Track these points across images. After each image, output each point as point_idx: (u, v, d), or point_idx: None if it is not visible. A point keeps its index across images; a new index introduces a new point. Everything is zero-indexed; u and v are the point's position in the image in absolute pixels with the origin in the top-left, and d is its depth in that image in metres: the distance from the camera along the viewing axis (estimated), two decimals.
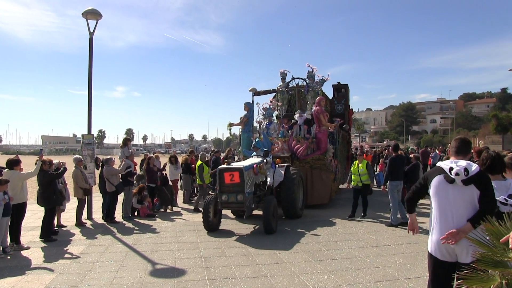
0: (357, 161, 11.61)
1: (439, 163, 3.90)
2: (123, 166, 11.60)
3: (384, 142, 73.11)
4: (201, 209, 10.80)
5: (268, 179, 11.08)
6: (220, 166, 10.10)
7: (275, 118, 15.89)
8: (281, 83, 16.44)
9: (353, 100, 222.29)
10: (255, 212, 10.60)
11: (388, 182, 10.36)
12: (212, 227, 9.77)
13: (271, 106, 15.57)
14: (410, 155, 13.12)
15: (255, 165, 10.21)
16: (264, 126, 14.89)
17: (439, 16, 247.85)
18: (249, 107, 14.35)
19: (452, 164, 3.65)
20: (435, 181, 3.76)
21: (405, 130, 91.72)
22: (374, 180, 14.70)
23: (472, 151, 5.58)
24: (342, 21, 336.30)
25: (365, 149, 25.00)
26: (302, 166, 13.01)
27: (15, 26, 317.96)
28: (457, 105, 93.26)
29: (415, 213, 4.31)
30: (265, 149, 11.65)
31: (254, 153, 11.93)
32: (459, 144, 3.95)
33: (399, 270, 6.58)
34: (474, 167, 3.57)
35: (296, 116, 14.20)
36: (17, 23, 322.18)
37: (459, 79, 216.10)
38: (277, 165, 11.75)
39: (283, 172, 11.42)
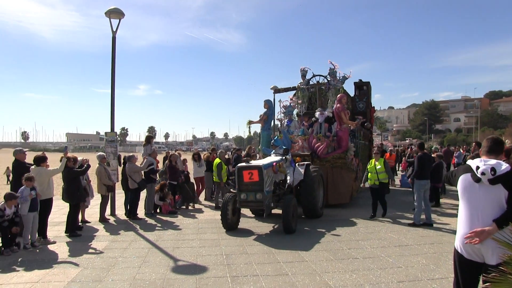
0: (373, 159, 11.28)
1: (469, 161, 3.79)
2: (145, 163, 11.74)
3: (407, 141, 72.13)
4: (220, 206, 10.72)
5: (288, 177, 10.80)
6: (239, 164, 9.97)
7: (295, 116, 15.80)
8: (302, 80, 16.15)
9: (375, 98, 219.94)
10: (274, 211, 10.55)
11: (415, 180, 10.12)
12: (231, 226, 9.64)
13: (291, 104, 15.44)
14: (433, 155, 12.84)
15: (274, 164, 10.01)
16: (284, 124, 14.74)
17: (463, 13, 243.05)
18: (268, 104, 14.12)
19: (480, 163, 3.55)
20: (462, 179, 3.69)
21: (428, 128, 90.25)
22: (393, 178, 14.17)
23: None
24: (364, 19, 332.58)
25: (389, 148, 24.48)
26: (323, 164, 12.81)
27: (41, 27, 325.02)
28: (482, 103, 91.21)
29: None
30: (284, 147, 11.46)
31: (274, 151, 11.72)
32: (490, 144, 3.83)
33: (422, 271, 6.48)
34: (504, 167, 3.44)
35: (317, 113, 14.00)
36: (43, 24, 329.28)
37: (484, 77, 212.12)
38: (296, 164, 11.55)
39: (303, 170, 11.17)
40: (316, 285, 5.92)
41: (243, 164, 9.85)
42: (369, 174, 11.08)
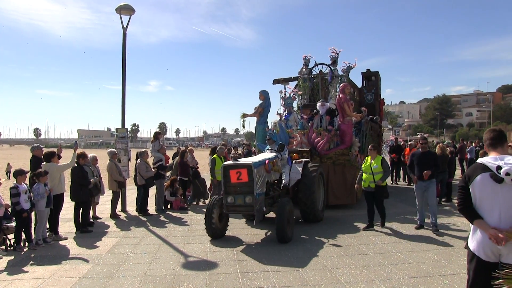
0: (369, 156, 9.41)
1: (481, 160, 3.58)
2: (154, 160, 11.81)
3: (418, 136, 71.53)
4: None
5: (283, 177, 9.68)
6: (225, 163, 8.62)
7: (296, 107, 14.59)
8: (303, 69, 14.89)
9: (386, 93, 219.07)
10: (270, 214, 9.57)
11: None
12: (217, 233, 8.48)
13: (291, 95, 14.12)
14: (437, 150, 12.12)
15: (267, 161, 8.72)
16: (283, 117, 13.62)
17: (476, 6, 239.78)
18: (264, 95, 12.36)
19: (500, 162, 3.37)
20: (479, 180, 3.46)
21: (440, 123, 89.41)
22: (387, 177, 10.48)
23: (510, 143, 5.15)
24: (376, 13, 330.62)
25: (409, 143, 21.75)
26: (324, 162, 11.72)
27: (53, 24, 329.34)
28: (495, 97, 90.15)
29: (481, 219, 3.51)
30: (280, 143, 10.24)
31: (268, 147, 10.43)
32: (493, 136, 3.68)
33: (434, 267, 6.42)
34: None
35: (318, 105, 12.63)
36: (55, 21, 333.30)
37: (497, 70, 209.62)
38: (294, 161, 10.52)
39: (300, 169, 10.04)
40: (327, 281, 5.90)
41: (230, 162, 8.54)
42: (364, 174, 9.35)
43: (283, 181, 9.62)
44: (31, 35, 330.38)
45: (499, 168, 3.33)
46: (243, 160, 8.81)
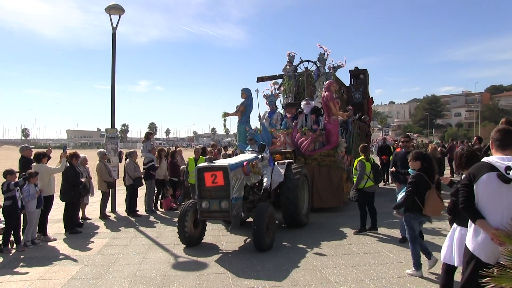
0: (357, 159, 9.00)
1: (487, 159, 3.52)
2: (145, 159, 11.75)
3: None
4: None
5: (264, 179, 9.16)
6: (199, 164, 8.01)
7: (280, 106, 13.89)
8: (288, 66, 14.24)
9: (376, 93, 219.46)
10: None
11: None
12: (191, 240, 7.89)
13: (273, 92, 13.46)
14: (430, 151, 11.80)
15: (245, 163, 8.18)
16: (266, 116, 13.05)
17: (464, 7, 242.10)
18: (247, 93, 11.76)
19: (508, 162, 3.34)
20: (485, 179, 3.42)
21: (429, 123, 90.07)
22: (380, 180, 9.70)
23: None
24: (366, 13, 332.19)
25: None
26: (308, 163, 11.18)
27: (42, 24, 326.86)
28: (483, 97, 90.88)
29: (484, 219, 3.47)
30: (261, 143, 9.77)
31: (249, 147, 9.94)
32: (503, 137, 3.57)
33: (423, 265, 6.46)
34: None
35: (303, 104, 12.03)
36: (43, 21, 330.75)
37: (485, 71, 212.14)
38: (276, 162, 9.90)
39: (283, 171, 9.40)
40: (317, 280, 5.91)
41: (204, 164, 7.90)
42: (354, 177, 8.95)
43: (264, 184, 9.12)
44: (19, 35, 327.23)
45: (508, 168, 3.30)
46: (219, 162, 8.20)
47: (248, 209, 8.32)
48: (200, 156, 11.47)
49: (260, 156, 9.28)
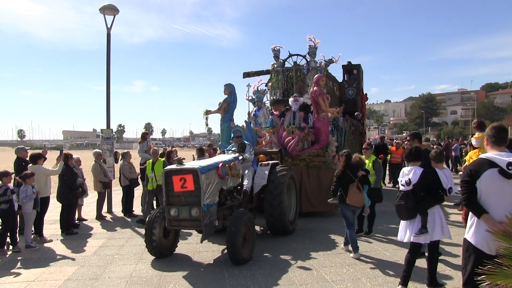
0: (370, 159, 8.53)
1: (487, 156, 3.59)
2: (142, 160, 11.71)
3: (404, 134, 72.15)
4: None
5: (245, 182, 8.25)
6: (167, 167, 7.12)
7: (268, 103, 13.16)
8: (275, 62, 13.37)
9: (371, 91, 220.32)
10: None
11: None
12: (161, 251, 7.10)
13: (259, 89, 12.69)
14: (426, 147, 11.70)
15: (220, 165, 7.24)
16: (252, 113, 12.41)
17: (459, 5, 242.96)
18: (230, 90, 10.81)
19: (507, 158, 3.43)
20: (487, 175, 3.50)
21: (425, 121, 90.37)
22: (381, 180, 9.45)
23: None
24: (361, 12, 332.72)
25: (395, 141, 20.12)
26: (296, 164, 10.34)
27: (36, 25, 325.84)
28: (478, 95, 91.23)
29: (488, 213, 3.52)
30: (245, 142, 8.91)
31: (231, 146, 9.16)
32: (498, 133, 3.67)
33: (419, 264, 6.46)
34: None
35: (291, 100, 11.24)
36: (37, 22, 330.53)
37: (481, 69, 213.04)
38: (260, 163, 8.98)
39: (267, 172, 8.58)
40: (313, 279, 5.92)
41: (173, 166, 7.03)
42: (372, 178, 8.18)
43: (244, 187, 8.19)
44: (12, 36, 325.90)
45: (510, 164, 3.39)
46: (189, 164, 7.21)
47: (224, 217, 7.43)
48: (159, 159, 10.30)
49: (240, 157, 8.43)
